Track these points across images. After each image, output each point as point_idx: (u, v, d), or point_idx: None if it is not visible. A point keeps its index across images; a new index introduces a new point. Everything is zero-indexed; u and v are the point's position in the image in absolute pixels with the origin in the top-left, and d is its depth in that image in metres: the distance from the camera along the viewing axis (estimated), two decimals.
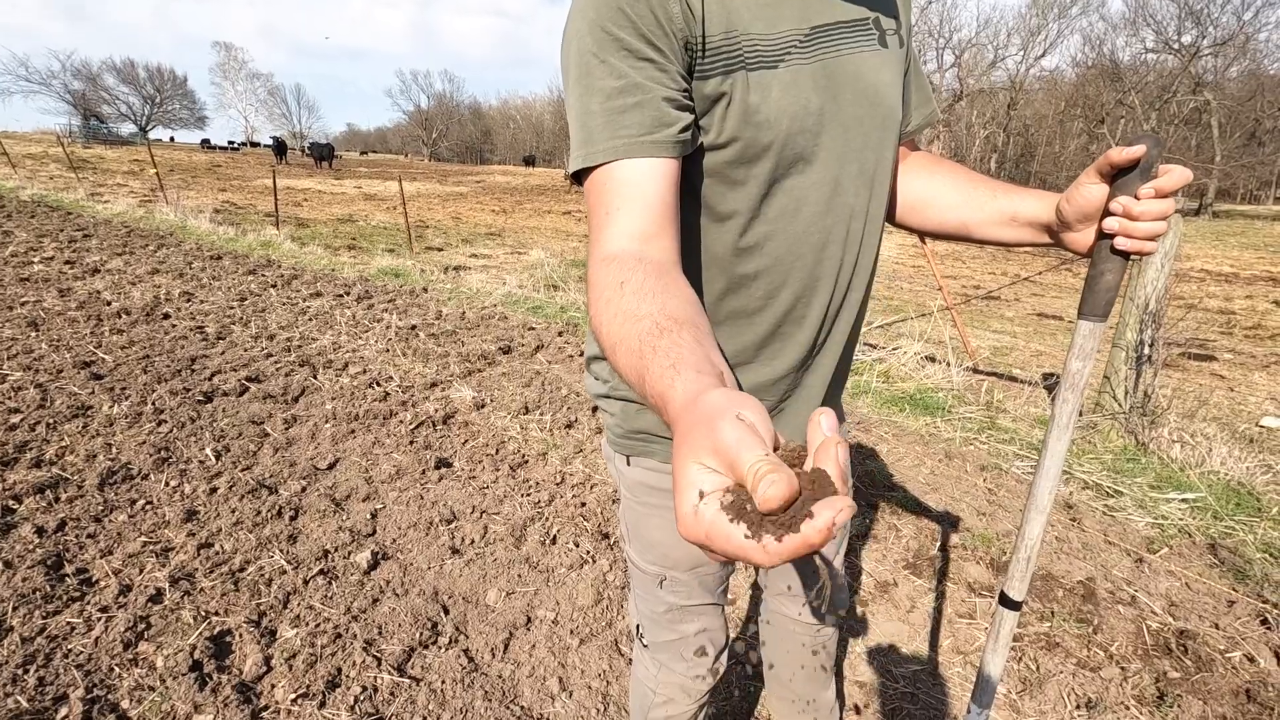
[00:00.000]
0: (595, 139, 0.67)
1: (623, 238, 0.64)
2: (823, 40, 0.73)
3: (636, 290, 0.58)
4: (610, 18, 0.66)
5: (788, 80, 0.71)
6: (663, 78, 0.67)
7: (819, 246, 0.79)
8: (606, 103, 0.66)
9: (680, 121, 0.67)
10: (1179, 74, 34.69)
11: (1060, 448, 0.79)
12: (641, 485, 0.94)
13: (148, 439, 2.84)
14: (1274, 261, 14.48)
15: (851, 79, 0.75)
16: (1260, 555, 2.42)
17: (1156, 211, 0.69)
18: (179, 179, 19.74)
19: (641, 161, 0.66)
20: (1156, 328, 3.00)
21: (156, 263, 6.60)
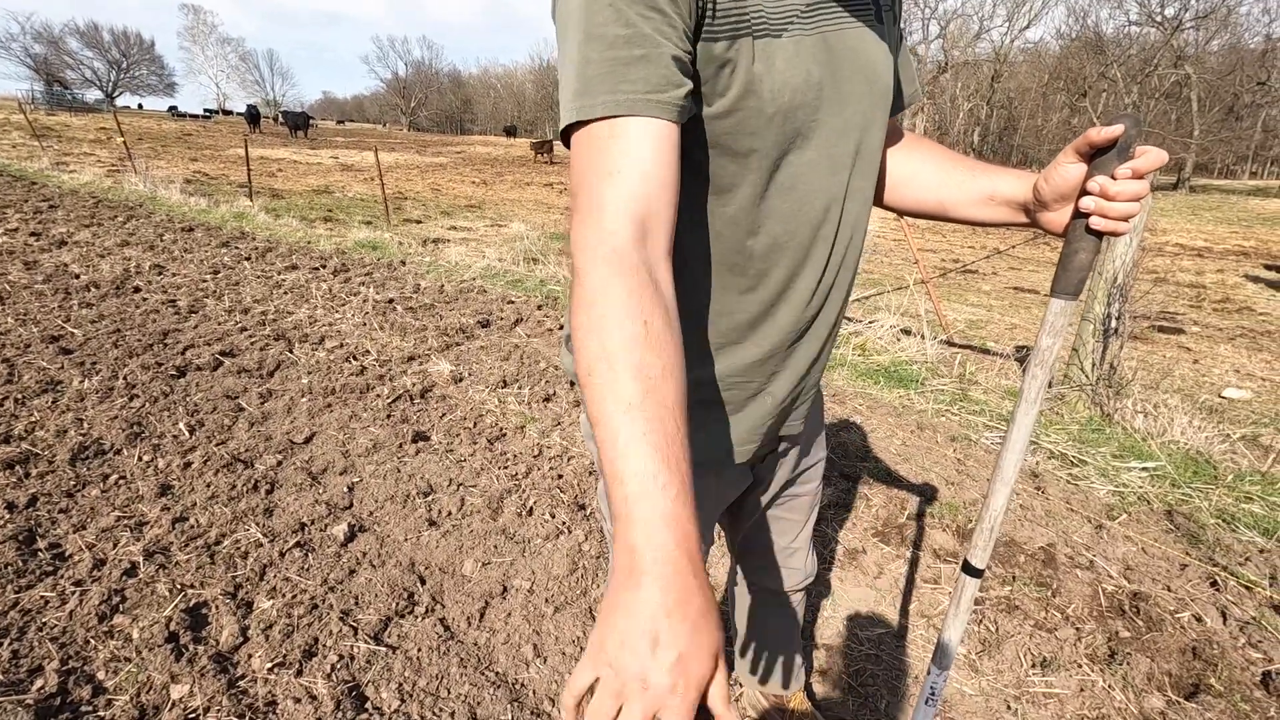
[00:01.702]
0: (593, 89, 0.60)
1: (625, 221, 0.58)
2: (822, 11, 0.70)
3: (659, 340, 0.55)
4: None
5: (791, 51, 0.68)
6: (671, 34, 0.61)
7: (814, 224, 0.77)
8: (609, 51, 0.60)
9: (686, 86, 0.62)
10: (1161, 47, 34.77)
11: (1028, 422, 0.80)
12: None
13: (120, 414, 2.81)
14: (1246, 236, 14.73)
15: (850, 53, 0.73)
16: (1213, 521, 2.51)
17: (1132, 192, 0.69)
18: (148, 148, 19.19)
19: (647, 122, 0.59)
20: (1124, 301, 3.07)
21: (126, 235, 6.45)
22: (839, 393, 3.62)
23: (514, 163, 26.40)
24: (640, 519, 0.50)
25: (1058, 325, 0.78)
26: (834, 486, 2.64)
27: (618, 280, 0.56)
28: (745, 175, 0.72)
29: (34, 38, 60.39)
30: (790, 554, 1.19)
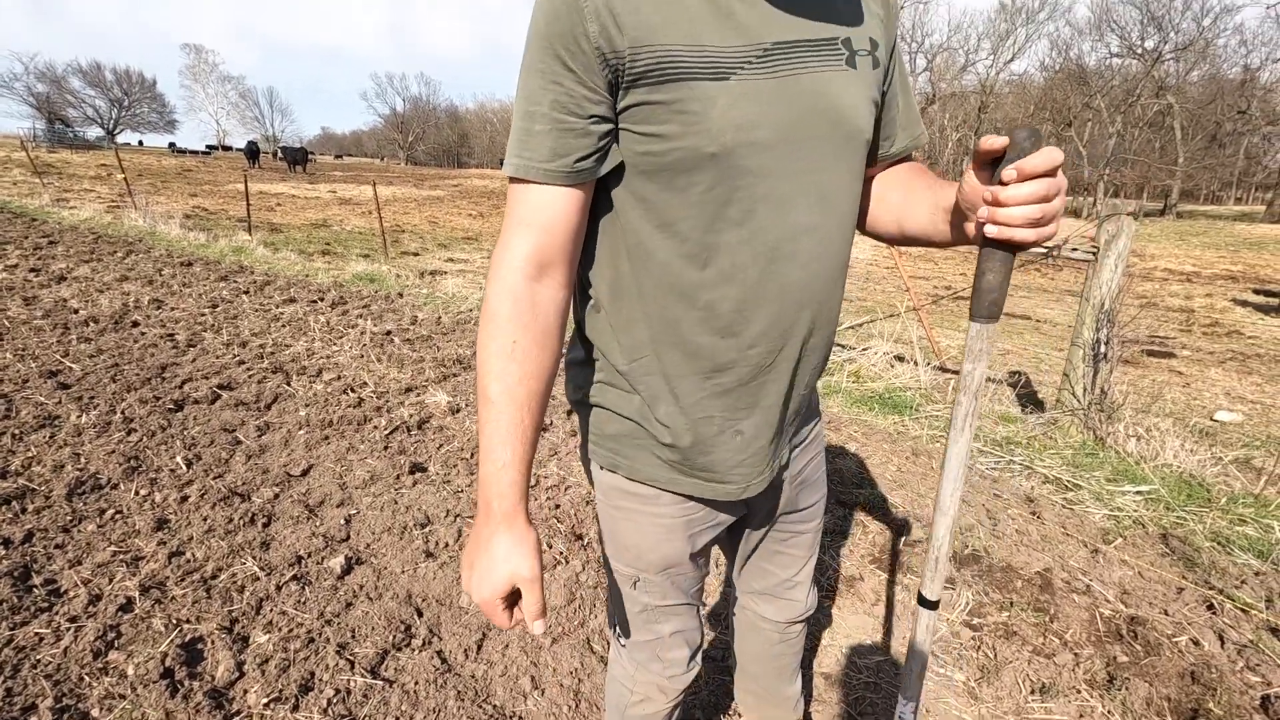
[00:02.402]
0: (511, 150, 0.76)
1: (523, 261, 0.76)
2: (782, 57, 0.74)
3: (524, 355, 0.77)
4: (540, 30, 0.72)
5: (737, 93, 0.71)
6: (568, 99, 0.72)
7: (766, 260, 0.79)
8: (521, 121, 0.75)
9: (574, 152, 0.73)
10: (1142, 78, 35.63)
11: (959, 450, 0.78)
12: (614, 490, 0.95)
13: (117, 448, 2.82)
14: (1234, 260, 14.94)
15: (811, 97, 0.76)
16: (1208, 544, 2.52)
17: (1023, 195, 0.66)
18: (148, 184, 19.39)
19: (543, 188, 0.75)
20: (1111, 327, 3.11)
21: (125, 269, 6.50)
22: (834, 420, 3.64)
23: None
24: (480, 478, 0.79)
25: (975, 349, 0.75)
26: (831, 514, 2.65)
27: (505, 305, 0.76)
28: (689, 209, 0.76)
29: (37, 77, 61.40)
30: (791, 587, 1.19)
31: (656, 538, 0.96)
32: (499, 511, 0.78)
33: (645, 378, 0.86)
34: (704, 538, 1.00)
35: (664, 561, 0.98)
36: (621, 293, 0.84)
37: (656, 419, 0.88)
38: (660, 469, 0.91)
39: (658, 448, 0.89)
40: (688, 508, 0.95)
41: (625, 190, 0.78)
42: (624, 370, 0.87)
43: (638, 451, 0.91)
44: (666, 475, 0.91)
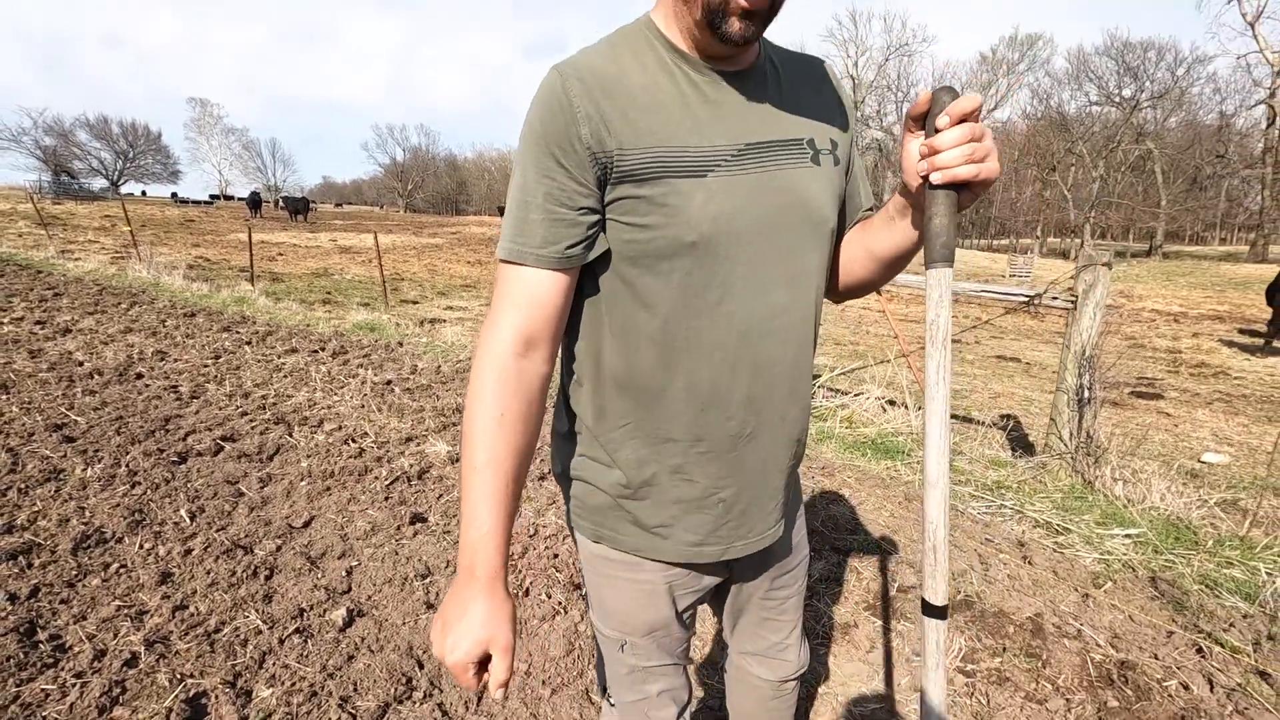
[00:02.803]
0: (506, 235, 0.83)
1: (512, 338, 0.82)
2: (755, 156, 0.83)
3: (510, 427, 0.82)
4: (536, 130, 0.81)
5: (714, 188, 0.80)
6: (560, 193, 0.80)
7: (741, 339, 0.86)
8: (516, 210, 0.83)
9: (564, 240, 0.81)
10: (1122, 124, 36.73)
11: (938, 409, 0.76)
12: (598, 558, 1.00)
13: (121, 501, 2.86)
14: (1220, 300, 15.21)
15: (781, 191, 0.84)
16: (1197, 587, 2.57)
17: (954, 138, 0.73)
18: (151, 234, 19.70)
19: (534, 270, 0.82)
20: (1093, 371, 3.21)
21: (129, 321, 6.60)
22: (828, 465, 3.70)
23: None
24: (461, 543, 0.82)
25: (934, 295, 0.76)
26: (825, 560, 2.69)
27: (492, 378, 0.82)
28: (670, 291, 0.83)
29: (45, 131, 62.79)
30: (782, 649, 1.21)
31: (641, 603, 1.00)
32: (481, 578, 0.80)
33: (627, 449, 0.91)
34: (687, 600, 1.03)
35: (649, 625, 1.02)
36: (605, 369, 0.90)
37: (636, 490, 0.92)
38: (642, 538, 0.95)
39: (637, 518, 0.94)
40: (671, 574, 0.98)
41: (611, 274, 0.86)
42: (605, 441, 0.92)
43: (620, 523, 0.95)
44: (649, 544, 0.95)
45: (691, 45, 0.83)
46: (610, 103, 0.79)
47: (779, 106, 0.87)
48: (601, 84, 0.80)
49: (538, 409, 0.86)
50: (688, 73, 0.83)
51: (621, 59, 0.83)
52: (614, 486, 0.93)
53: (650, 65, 0.83)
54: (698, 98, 0.82)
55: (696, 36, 0.81)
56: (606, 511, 0.96)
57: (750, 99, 0.85)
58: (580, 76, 0.80)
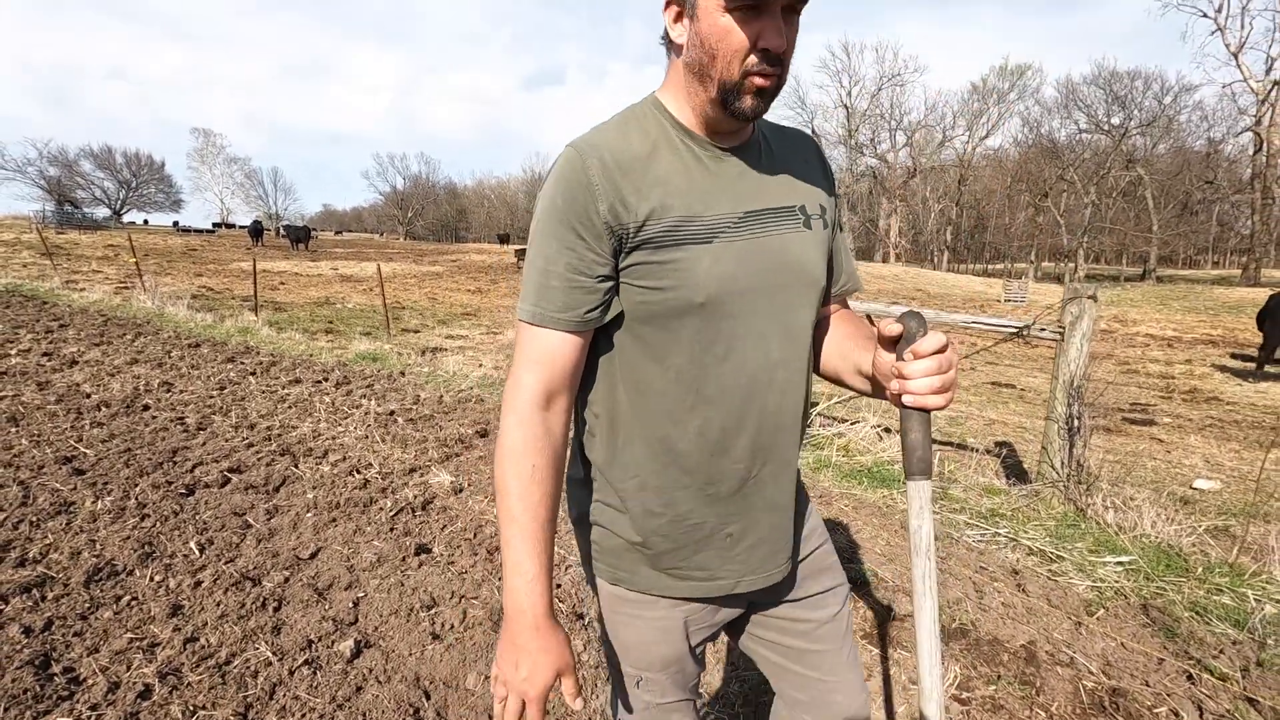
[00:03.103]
0: (527, 299, 0.91)
1: (534, 394, 0.90)
2: (754, 223, 0.92)
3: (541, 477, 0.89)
4: (557, 204, 0.88)
5: (718, 253, 0.88)
6: (580, 262, 0.87)
7: (746, 388, 0.93)
8: (536, 276, 0.90)
9: (583, 306, 0.88)
10: (1112, 151, 37.31)
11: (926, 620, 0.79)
12: (614, 598, 1.05)
13: (131, 534, 2.91)
14: (1214, 325, 15.35)
15: (778, 253, 0.93)
16: (1187, 614, 2.62)
17: (921, 370, 0.80)
18: (154, 263, 19.88)
19: (554, 333, 0.89)
20: (1080, 401, 3.29)
21: (135, 352, 6.69)
22: (825, 494, 3.76)
23: (508, 269, 27.38)
24: (508, 589, 0.89)
25: (917, 506, 0.81)
26: None
27: (520, 433, 0.89)
28: (679, 346, 0.91)
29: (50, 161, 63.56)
30: (828, 689, 1.13)
31: (656, 639, 1.05)
32: (534, 618, 0.88)
33: (639, 493, 0.98)
34: (701, 635, 1.07)
35: (664, 660, 1.06)
36: (619, 418, 0.97)
37: (649, 532, 0.98)
38: (656, 578, 1.01)
39: (651, 558, 1.00)
40: (686, 609, 1.03)
41: (625, 332, 0.93)
42: (620, 487, 0.99)
43: (635, 565, 1.01)
44: (662, 583, 1.01)
45: (699, 122, 0.92)
46: (625, 178, 0.87)
47: (772, 177, 0.96)
48: (616, 161, 0.87)
49: (562, 457, 0.93)
50: (691, 147, 0.92)
51: (631, 136, 0.91)
52: (628, 530, 0.99)
53: (658, 141, 0.91)
54: (701, 170, 0.91)
55: (708, 113, 0.90)
56: (622, 554, 1.01)
57: (748, 171, 0.94)
58: (598, 155, 0.87)
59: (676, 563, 1.00)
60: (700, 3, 0.83)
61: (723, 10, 0.81)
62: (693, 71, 0.88)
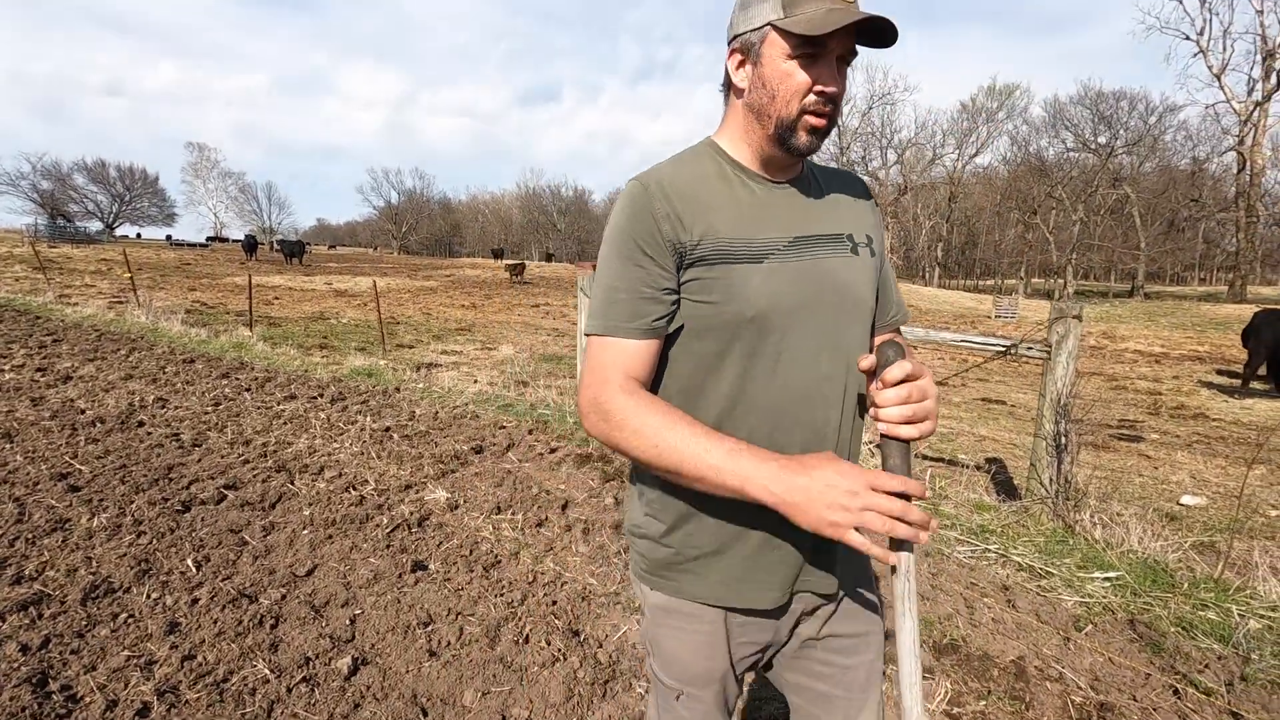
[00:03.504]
0: (596, 315, 0.99)
1: (620, 380, 0.96)
2: (803, 247, 1.01)
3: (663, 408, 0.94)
4: (625, 228, 0.98)
5: (767, 273, 0.97)
6: (646, 278, 0.97)
7: (795, 401, 0.99)
8: (605, 294, 0.99)
9: (651, 314, 0.97)
10: (1099, 170, 37.85)
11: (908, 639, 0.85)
12: (660, 609, 1.09)
13: (128, 551, 2.92)
14: (1200, 340, 15.54)
15: (826, 275, 1.01)
16: (1173, 629, 2.66)
17: (890, 398, 0.87)
18: (148, 278, 19.84)
19: (623, 340, 0.98)
20: (1067, 419, 3.35)
21: (129, 368, 6.68)
22: None
23: (501, 285, 27.47)
24: (746, 475, 0.87)
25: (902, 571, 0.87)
26: None
27: (628, 402, 0.94)
28: (731, 358, 0.99)
29: (43, 175, 63.44)
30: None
31: (700, 651, 1.08)
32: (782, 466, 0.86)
33: (690, 503, 1.02)
34: (744, 650, 1.09)
35: (707, 676, 1.09)
36: None
37: (697, 542, 1.03)
38: (701, 585, 1.05)
39: (697, 566, 1.04)
40: (730, 623, 1.06)
41: (679, 347, 1.01)
42: (670, 498, 1.04)
43: (681, 575, 1.06)
44: (707, 590, 1.05)
45: (754, 158, 1.03)
46: (683, 204, 0.98)
47: (821, 208, 1.06)
48: (675, 190, 0.99)
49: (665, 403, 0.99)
50: (744, 181, 1.03)
51: (686, 170, 1.02)
52: (676, 538, 1.05)
53: (712, 175, 1.02)
54: (751, 199, 1.02)
55: (764, 149, 1.01)
56: (669, 563, 1.06)
57: (797, 201, 1.05)
58: (659, 184, 0.99)
59: (721, 570, 1.04)
60: (764, 51, 0.95)
61: (785, 57, 0.93)
62: (753, 111, 0.99)
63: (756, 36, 0.96)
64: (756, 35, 0.96)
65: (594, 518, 3.55)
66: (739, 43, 0.99)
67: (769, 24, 0.94)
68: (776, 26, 0.93)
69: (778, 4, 0.93)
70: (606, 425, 0.95)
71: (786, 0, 0.92)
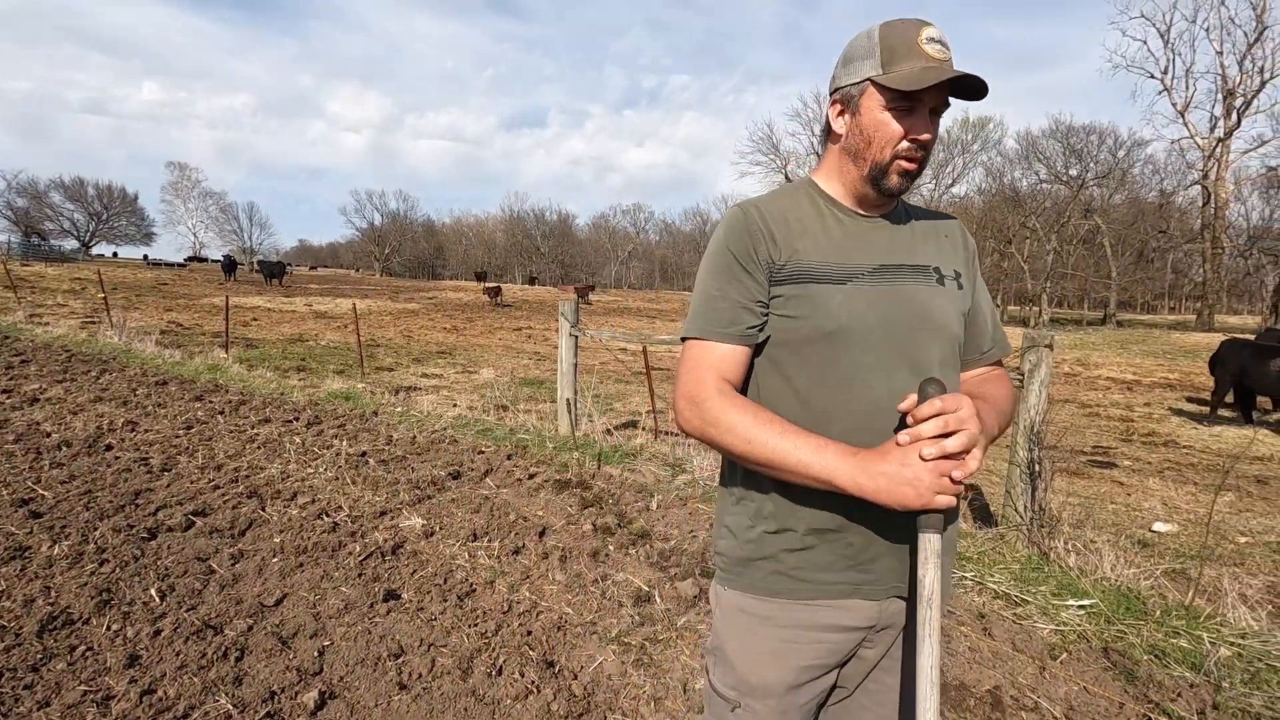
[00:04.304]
0: (694, 320, 1.10)
1: (714, 381, 1.06)
2: (886, 274, 1.09)
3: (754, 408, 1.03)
4: (724, 243, 1.10)
5: (851, 293, 1.05)
6: (742, 289, 1.08)
7: (868, 412, 1.04)
8: (703, 302, 1.10)
9: (746, 322, 1.07)
10: (1070, 201, 38.86)
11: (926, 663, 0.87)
12: (731, 607, 1.14)
13: (89, 580, 2.83)
14: (1171, 368, 15.86)
15: (907, 300, 1.08)
16: (1146, 657, 2.68)
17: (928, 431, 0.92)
18: (123, 298, 19.54)
19: (719, 344, 1.08)
20: (1040, 446, 3.40)
21: (99, 390, 6.54)
22: None
23: (484, 307, 27.42)
24: (833, 469, 0.96)
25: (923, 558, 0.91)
26: None
27: (723, 401, 1.03)
28: (806, 368, 1.07)
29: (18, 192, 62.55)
30: None
31: (763, 656, 1.11)
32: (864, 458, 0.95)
33: (771, 500, 1.09)
34: (806, 663, 1.10)
35: (767, 686, 1.10)
36: None
37: (777, 537, 1.09)
38: (778, 580, 1.10)
39: (776, 563, 1.09)
40: (797, 629, 1.09)
41: (764, 357, 1.11)
42: (753, 494, 1.11)
43: (758, 569, 1.12)
44: (785, 585, 1.09)
45: (848, 194, 1.13)
46: (778, 229, 1.09)
47: (910, 242, 1.14)
48: (772, 216, 1.10)
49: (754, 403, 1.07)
50: (836, 214, 1.13)
51: (785, 202, 1.13)
52: (759, 534, 1.11)
53: (805, 207, 1.13)
54: (840, 230, 1.11)
55: (857, 188, 1.10)
56: (750, 559, 1.12)
57: (885, 233, 1.13)
58: (757, 210, 1.11)
59: (798, 565, 1.09)
60: (863, 103, 1.06)
61: (882, 108, 1.03)
62: (849, 154, 1.09)
63: (856, 90, 1.06)
64: (856, 89, 1.06)
65: (571, 545, 3.52)
66: (840, 94, 1.09)
67: (868, 79, 1.04)
68: (875, 81, 1.03)
69: (877, 61, 1.02)
70: (702, 422, 1.04)
71: (885, 58, 1.02)
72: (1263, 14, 31.07)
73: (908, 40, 1.01)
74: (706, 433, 1.04)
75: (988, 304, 1.23)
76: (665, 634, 2.73)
